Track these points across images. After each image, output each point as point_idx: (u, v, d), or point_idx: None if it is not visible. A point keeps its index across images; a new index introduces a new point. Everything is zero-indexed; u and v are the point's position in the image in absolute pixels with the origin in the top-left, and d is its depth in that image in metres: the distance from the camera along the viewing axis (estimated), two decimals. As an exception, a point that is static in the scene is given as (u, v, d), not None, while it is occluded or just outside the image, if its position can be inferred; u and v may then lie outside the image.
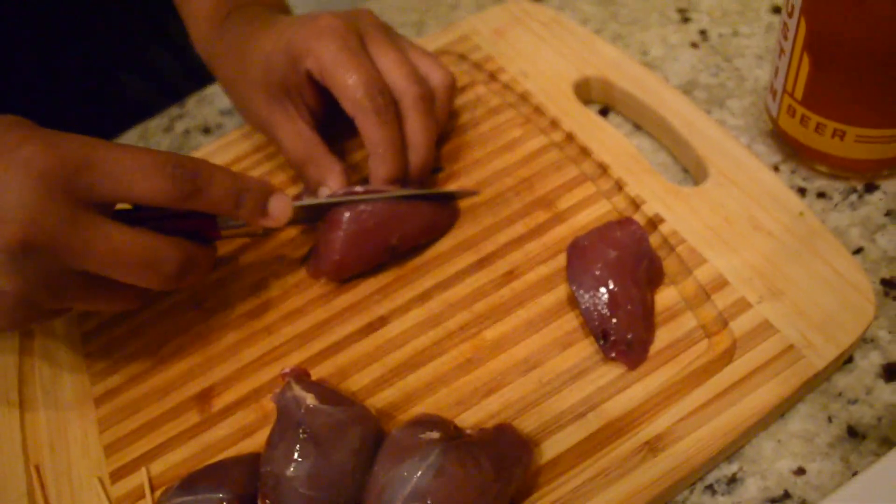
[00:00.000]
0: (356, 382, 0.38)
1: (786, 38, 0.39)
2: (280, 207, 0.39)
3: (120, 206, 0.37)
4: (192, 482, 0.34)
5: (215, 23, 0.47)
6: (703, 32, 0.51)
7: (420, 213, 0.41)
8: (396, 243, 0.41)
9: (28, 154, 0.33)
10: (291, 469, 0.32)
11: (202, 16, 0.48)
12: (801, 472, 0.34)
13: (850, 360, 0.36)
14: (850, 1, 0.35)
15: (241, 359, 0.41)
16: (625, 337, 0.36)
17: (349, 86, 0.40)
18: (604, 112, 0.48)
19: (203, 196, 0.36)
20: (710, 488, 0.34)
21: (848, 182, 0.42)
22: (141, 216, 0.38)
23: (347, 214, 0.40)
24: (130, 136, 0.57)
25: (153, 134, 0.57)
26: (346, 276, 0.42)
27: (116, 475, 0.38)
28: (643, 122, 0.46)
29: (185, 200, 0.36)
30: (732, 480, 0.34)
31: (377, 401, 0.37)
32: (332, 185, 0.42)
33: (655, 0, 0.54)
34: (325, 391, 0.34)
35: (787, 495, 0.33)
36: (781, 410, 0.35)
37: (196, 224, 0.39)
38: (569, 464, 0.34)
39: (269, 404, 0.39)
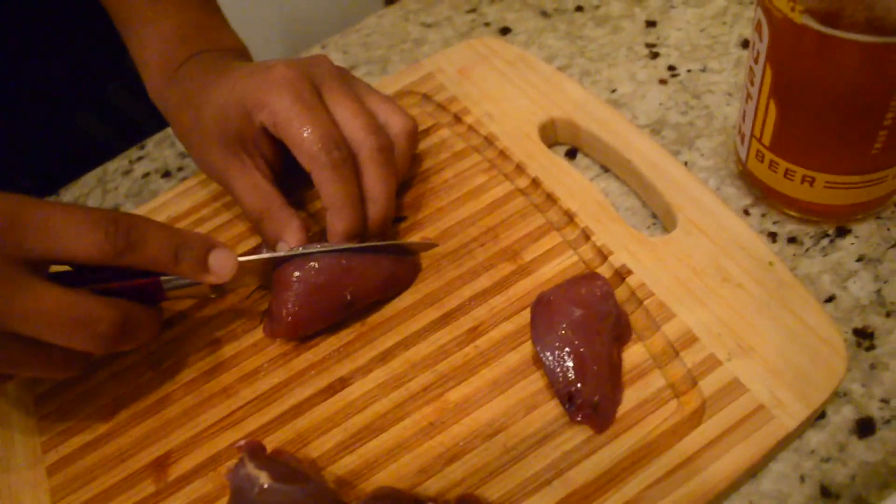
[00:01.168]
0: (316, 448, 0.37)
1: (752, 83, 0.38)
2: (221, 262, 0.38)
3: (57, 268, 0.36)
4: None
5: (169, 72, 0.46)
6: (671, 68, 0.50)
7: (376, 267, 0.40)
8: (351, 299, 0.39)
9: None
10: (243, 555, 0.31)
11: (156, 63, 0.47)
12: (773, 534, 0.33)
13: (822, 415, 0.35)
14: (815, 49, 0.34)
15: (198, 423, 0.39)
16: (591, 400, 0.34)
17: (304, 140, 0.39)
18: (571, 153, 0.47)
19: (138, 252, 0.35)
20: (683, 555, 0.33)
21: (819, 226, 0.41)
22: (80, 279, 0.36)
23: (297, 273, 0.39)
24: (89, 180, 0.55)
25: (112, 178, 0.55)
26: (301, 334, 0.40)
27: (69, 550, 0.37)
28: (611, 164, 0.45)
29: (119, 257, 0.35)
30: (705, 546, 0.33)
31: (337, 468, 0.36)
32: (289, 240, 0.40)
33: (624, 34, 0.53)
34: (280, 468, 0.32)
35: (759, 564, 0.32)
36: (753, 471, 0.34)
37: (139, 285, 0.38)
38: (534, 536, 0.33)
39: (226, 473, 0.37)
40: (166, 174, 0.54)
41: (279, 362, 0.40)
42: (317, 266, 0.39)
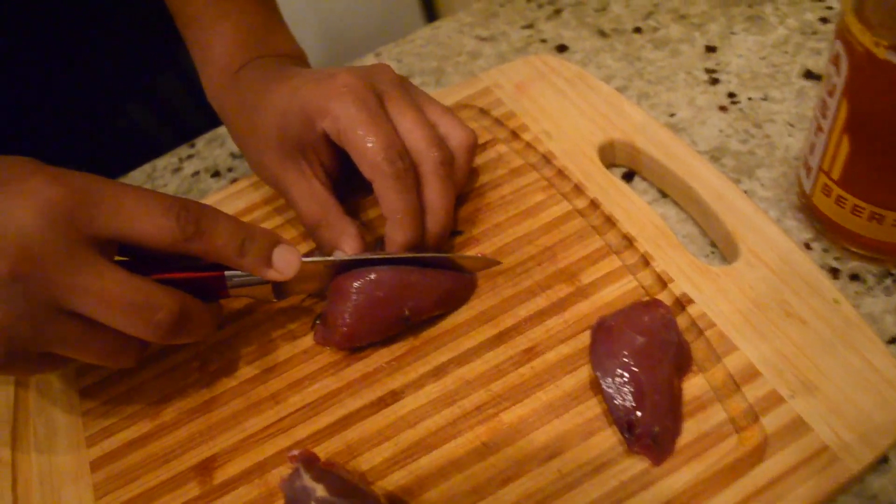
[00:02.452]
0: (366, 462, 0.36)
1: (824, 116, 0.38)
2: (286, 259, 0.37)
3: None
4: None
5: (228, 74, 0.46)
6: (732, 95, 0.49)
7: (435, 283, 0.40)
8: (409, 314, 0.39)
9: (34, 186, 0.33)
10: (297, 567, 0.30)
11: (216, 66, 0.47)
12: (830, 580, 0.32)
13: (884, 459, 0.35)
14: (896, 86, 0.33)
15: (245, 428, 0.39)
16: (650, 430, 0.34)
17: (368, 149, 0.39)
18: (629, 175, 0.47)
19: (206, 240, 0.35)
20: None
21: (882, 265, 0.40)
22: (143, 269, 0.36)
23: (357, 284, 0.39)
24: (138, 175, 0.55)
25: (161, 174, 0.55)
26: (355, 346, 0.40)
27: (110, 548, 0.36)
28: (670, 190, 0.45)
29: (187, 243, 0.35)
30: (759, 587, 0.32)
31: (387, 483, 0.36)
32: (346, 249, 0.40)
33: (683, 59, 0.52)
34: (336, 481, 0.32)
35: None
36: (812, 514, 0.33)
37: (201, 278, 0.38)
38: (589, 565, 0.32)
39: (273, 480, 0.37)
40: (216, 174, 0.54)
41: (329, 371, 0.40)
42: (377, 279, 0.39)
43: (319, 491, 0.31)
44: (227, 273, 0.38)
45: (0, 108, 0.59)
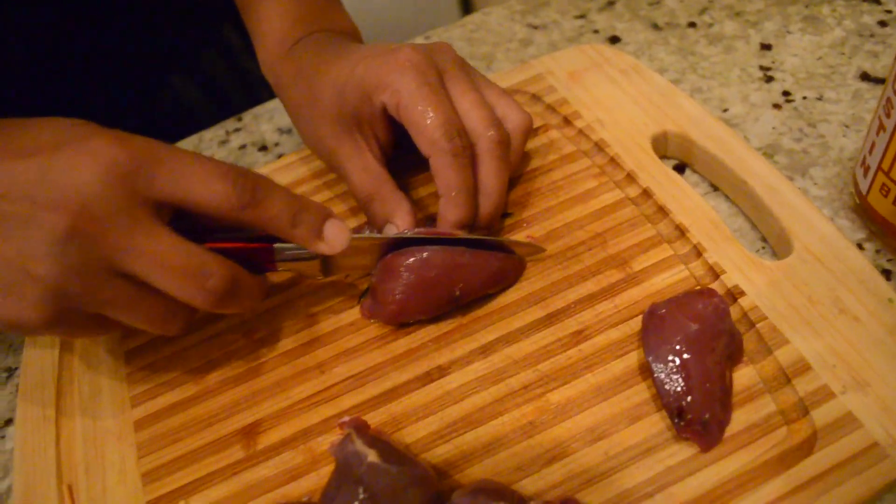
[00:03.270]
0: (411, 434, 0.37)
1: (888, 114, 0.38)
2: (336, 233, 0.38)
3: None
4: (237, 529, 0.33)
5: (284, 47, 0.46)
6: (786, 94, 0.49)
7: (485, 264, 0.40)
8: (459, 294, 0.39)
9: (97, 146, 0.33)
10: (347, 530, 0.30)
11: (273, 38, 0.47)
12: (875, 577, 0.32)
13: (934, 460, 0.34)
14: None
15: (290, 396, 0.39)
16: (701, 416, 0.34)
17: (427, 125, 0.39)
18: (680, 168, 0.47)
19: (260, 209, 0.35)
20: (778, 586, 0.32)
21: (937, 268, 0.40)
22: (196, 237, 0.36)
23: (408, 262, 0.39)
24: (184, 146, 0.56)
25: (208, 146, 0.55)
26: (403, 322, 0.40)
27: (153, 505, 0.37)
28: (722, 184, 0.45)
29: (242, 210, 0.35)
30: (803, 580, 0.32)
31: (431, 456, 0.36)
32: (399, 223, 0.40)
33: (738, 55, 0.52)
34: (387, 447, 0.32)
35: None
36: (859, 510, 0.33)
37: (252, 249, 0.38)
38: (633, 547, 0.32)
39: (318, 447, 0.37)
40: (263, 148, 0.54)
41: (376, 344, 0.40)
42: (428, 259, 0.39)
43: (371, 456, 0.31)
44: (276, 246, 0.38)
45: (46, 79, 0.59)
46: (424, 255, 0.39)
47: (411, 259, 0.39)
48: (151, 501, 0.37)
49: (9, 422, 0.43)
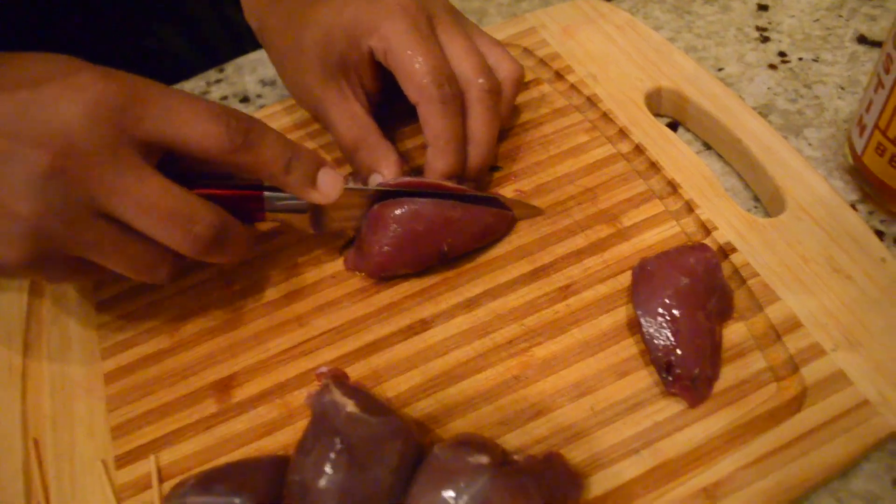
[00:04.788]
0: (392, 388, 0.36)
1: (887, 70, 0.37)
2: (330, 182, 0.36)
3: None
4: (209, 481, 0.31)
5: (269, -10, 0.44)
6: (782, 54, 0.48)
7: (475, 220, 0.38)
8: (447, 250, 0.38)
9: (84, 80, 0.31)
10: (323, 481, 0.29)
11: (256, -19, 0.45)
12: (862, 535, 0.31)
13: (923, 419, 0.34)
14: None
15: (267, 348, 0.38)
16: (690, 372, 0.33)
17: (416, 71, 0.37)
18: (672, 127, 0.45)
19: (253, 153, 0.34)
20: (765, 543, 0.31)
21: (930, 230, 0.39)
22: (184, 184, 0.35)
23: (397, 212, 0.37)
24: (163, 97, 0.54)
25: (188, 97, 0.53)
26: (387, 275, 0.39)
27: (122, 460, 0.35)
28: (715, 142, 0.43)
29: (234, 153, 0.33)
30: (789, 538, 0.31)
31: (413, 411, 0.35)
32: (385, 173, 0.39)
33: (734, 15, 0.51)
34: (366, 398, 0.31)
35: (849, 562, 0.31)
36: (848, 467, 0.32)
37: (241, 196, 0.36)
38: (618, 502, 0.31)
39: (294, 401, 0.36)
40: (245, 99, 0.52)
41: (358, 297, 0.39)
42: (418, 212, 0.37)
43: (350, 407, 0.30)
44: (266, 194, 0.37)
45: (27, 27, 0.57)
46: (415, 207, 0.38)
47: (400, 210, 0.38)
48: (120, 456, 0.35)
49: (-25, 374, 0.41)
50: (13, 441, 0.36)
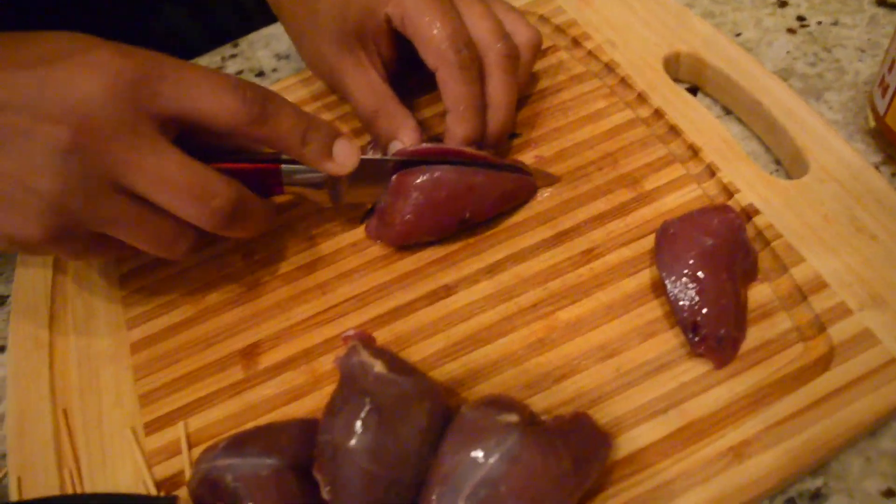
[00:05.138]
0: (417, 353, 0.36)
1: (912, 27, 0.36)
2: (346, 152, 0.36)
3: None
4: (239, 443, 0.32)
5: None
6: (801, 18, 0.48)
7: (497, 186, 0.38)
8: (469, 217, 0.38)
9: (100, 57, 0.32)
10: (353, 441, 0.29)
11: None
12: (890, 494, 0.31)
13: (950, 377, 0.34)
14: None
15: (291, 316, 0.38)
16: (716, 332, 0.33)
17: (434, 36, 0.37)
18: (691, 92, 0.45)
19: (269, 125, 0.34)
20: (792, 501, 0.32)
21: (954, 191, 0.39)
22: (202, 158, 0.35)
23: (419, 180, 0.37)
24: (177, 73, 0.54)
25: (202, 72, 0.53)
26: (409, 243, 0.39)
27: (151, 427, 0.36)
28: (735, 106, 0.43)
29: (251, 125, 0.33)
30: (816, 496, 0.32)
31: (439, 374, 0.35)
32: (405, 140, 0.39)
33: (751, -21, 0.50)
34: (394, 359, 0.31)
35: (877, 518, 0.31)
36: (876, 426, 0.32)
37: (259, 169, 0.36)
38: (645, 462, 0.31)
39: (320, 367, 0.36)
40: (260, 73, 0.52)
41: (380, 264, 0.39)
42: (440, 179, 0.37)
43: (378, 367, 0.30)
44: (283, 167, 0.37)
45: (36, 7, 0.57)
46: (436, 174, 0.37)
47: (422, 178, 0.37)
48: (149, 423, 0.36)
49: (1, 349, 0.41)
50: (43, 412, 0.37)
